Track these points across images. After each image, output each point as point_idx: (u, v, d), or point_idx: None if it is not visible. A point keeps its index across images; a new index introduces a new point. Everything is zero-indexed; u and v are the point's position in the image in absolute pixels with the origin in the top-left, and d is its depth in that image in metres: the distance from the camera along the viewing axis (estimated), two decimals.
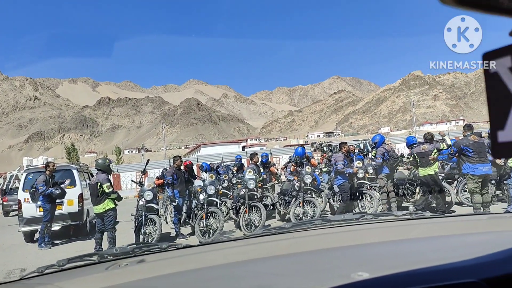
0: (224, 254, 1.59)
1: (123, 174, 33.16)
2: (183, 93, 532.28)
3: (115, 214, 8.34)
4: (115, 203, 8.38)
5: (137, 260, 1.50)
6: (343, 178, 9.32)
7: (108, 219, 8.14)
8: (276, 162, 31.24)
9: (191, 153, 75.60)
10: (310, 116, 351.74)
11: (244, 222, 8.83)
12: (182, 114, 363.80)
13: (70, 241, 10.37)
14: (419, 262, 1.12)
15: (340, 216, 2.02)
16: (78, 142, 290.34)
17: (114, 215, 8.29)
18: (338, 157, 9.45)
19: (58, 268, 1.46)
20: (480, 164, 7.95)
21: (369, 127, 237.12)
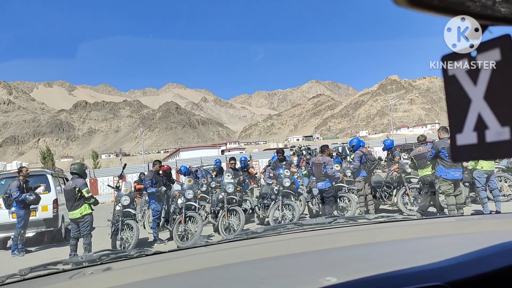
0: (195, 260, 1.56)
1: (100, 178, 32.58)
2: (162, 96, 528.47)
3: (92, 219, 8.20)
4: (92, 208, 8.23)
5: (103, 268, 1.46)
6: (330, 181, 9.37)
7: (85, 225, 7.98)
8: (256, 165, 31.25)
9: (170, 157, 74.96)
10: (290, 120, 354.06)
11: (223, 226, 8.80)
12: (161, 118, 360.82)
13: (45, 247, 10.13)
14: (387, 266, 1.12)
15: (313, 220, 2.02)
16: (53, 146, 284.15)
17: (91, 221, 8.15)
18: (328, 160, 9.48)
19: (20, 277, 1.40)
20: (453, 169, 8.15)
21: (348, 131, 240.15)
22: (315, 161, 9.63)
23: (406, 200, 9.54)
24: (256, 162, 33.48)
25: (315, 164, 9.51)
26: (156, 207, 9.54)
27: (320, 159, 9.43)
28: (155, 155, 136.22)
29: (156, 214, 9.51)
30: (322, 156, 9.56)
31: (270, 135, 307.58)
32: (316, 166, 9.42)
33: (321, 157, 9.52)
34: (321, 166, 9.27)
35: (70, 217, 8.13)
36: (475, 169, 8.74)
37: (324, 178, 9.28)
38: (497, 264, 1.00)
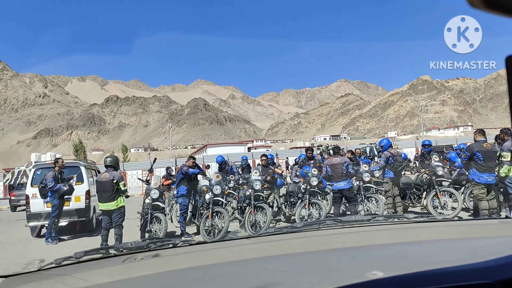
0: (236, 251, 1.61)
1: (129, 172, 33.31)
2: (190, 93, 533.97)
3: (125, 211, 8.46)
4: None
5: (152, 255, 1.53)
6: (350, 181, 9.36)
7: (118, 216, 8.24)
8: (282, 164, 31.22)
9: (197, 153, 75.79)
10: (317, 119, 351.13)
11: (249, 222, 8.85)
12: (189, 114, 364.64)
13: (76, 237, 10.45)
14: (432, 264, 1.13)
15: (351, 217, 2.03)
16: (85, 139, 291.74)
17: (124, 212, 8.40)
18: (349, 161, 9.45)
19: (75, 260, 1.49)
20: (487, 173, 7.92)
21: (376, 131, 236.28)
22: (331, 162, 9.46)
23: (436, 203, 9.34)
24: (282, 160, 33.45)
25: (332, 165, 9.35)
26: (183, 201, 9.68)
27: (339, 160, 9.36)
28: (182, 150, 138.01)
29: (184, 208, 9.66)
30: (340, 157, 9.52)
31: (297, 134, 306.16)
32: (334, 167, 9.29)
33: (339, 158, 9.45)
34: (342, 166, 9.19)
35: (104, 208, 8.32)
36: (508, 176, 8.46)
37: (345, 178, 9.21)
38: None
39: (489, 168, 7.94)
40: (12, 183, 26.61)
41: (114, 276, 1.28)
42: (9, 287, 1.22)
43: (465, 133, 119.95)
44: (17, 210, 20.00)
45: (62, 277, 1.27)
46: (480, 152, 7.93)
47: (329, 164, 9.43)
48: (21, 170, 27.97)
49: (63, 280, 1.24)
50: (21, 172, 27.32)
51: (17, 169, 29.34)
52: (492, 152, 8.06)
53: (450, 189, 9.42)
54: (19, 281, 1.28)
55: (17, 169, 29.34)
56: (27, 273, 1.39)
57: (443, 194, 9.35)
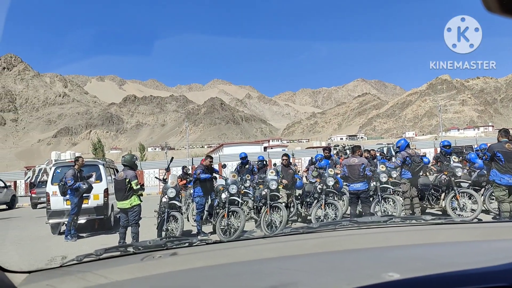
0: (253, 251, 1.62)
1: (146, 171, 33.64)
2: (207, 92, 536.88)
3: (140, 210, 8.51)
4: (140, 200, 8.55)
5: (170, 253, 1.55)
6: (367, 182, 9.26)
7: (133, 214, 8.30)
8: (298, 163, 31.14)
9: (213, 152, 76.14)
10: (334, 119, 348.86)
11: (265, 222, 8.85)
12: (206, 113, 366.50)
13: (95, 234, 10.61)
14: (449, 266, 1.12)
15: (368, 218, 2.02)
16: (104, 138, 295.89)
17: (139, 211, 8.45)
18: (366, 162, 9.34)
19: (95, 257, 1.53)
20: (508, 174, 7.74)
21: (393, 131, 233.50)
22: (349, 162, 9.36)
23: (455, 205, 9.18)
24: (299, 160, 33.36)
25: (350, 165, 9.25)
26: (200, 200, 9.73)
27: (357, 161, 9.24)
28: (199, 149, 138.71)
29: (200, 207, 9.71)
30: (358, 158, 9.39)
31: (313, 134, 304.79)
32: (352, 168, 9.19)
33: (356, 159, 9.32)
34: (359, 167, 9.09)
35: (119, 206, 8.46)
36: None
37: (362, 180, 9.11)
38: None
39: (510, 169, 7.75)
40: (33, 181, 27.20)
41: (133, 274, 1.31)
42: (32, 282, 1.26)
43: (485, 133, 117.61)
44: (38, 208, 20.39)
45: (83, 274, 1.30)
46: (501, 153, 7.76)
47: (346, 164, 9.34)
48: (41, 168, 28.58)
49: (84, 277, 1.27)
50: (42, 170, 27.93)
51: (37, 167, 29.99)
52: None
53: (470, 190, 9.25)
54: (42, 277, 1.32)
55: (37, 167, 29.99)
56: (50, 269, 1.43)
57: (462, 195, 9.19)
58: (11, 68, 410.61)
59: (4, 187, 22.23)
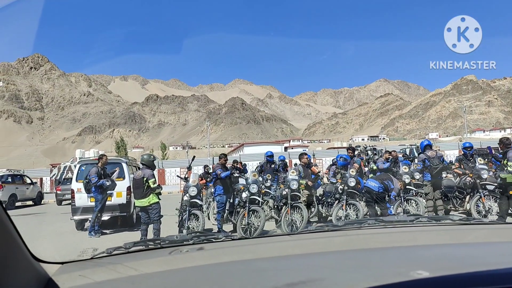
0: (278, 247, 1.63)
1: (167, 169, 34.03)
2: (228, 92, 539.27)
3: (159, 207, 8.65)
4: (159, 198, 8.68)
5: (197, 248, 1.58)
6: None
7: (153, 212, 8.44)
8: (319, 164, 30.96)
9: (234, 151, 76.44)
10: (355, 119, 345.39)
11: (285, 222, 8.84)
12: (227, 113, 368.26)
13: (118, 231, 10.80)
14: (478, 265, 1.10)
15: (394, 217, 2.00)
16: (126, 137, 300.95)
17: (159, 208, 8.59)
18: None
19: (124, 250, 1.57)
20: None
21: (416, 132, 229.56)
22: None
23: (481, 208, 8.98)
24: (320, 160, 33.17)
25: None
26: (221, 199, 9.79)
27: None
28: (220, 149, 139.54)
29: (221, 206, 9.77)
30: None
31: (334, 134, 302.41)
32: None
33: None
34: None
35: (138, 205, 8.60)
36: None
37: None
38: None
39: None
40: (58, 178, 27.87)
41: (162, 267, 1.34)
42: (65, 273, 1.30)
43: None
44: (63, 204, 20.87)
45: (113, 265, 1.34)
46: None
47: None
48: (66, 165, 29.24)
49: (114, 268, 1.31)
50: (67, 167, 28.57)
51: (63, 164, 30.69)
52: None
53: (496, 193, 9.03)
54: (74, 267, 1.36)
55: (63, 164, 30.69)
56: (82, 261, 1.47)
57: (487, 198, 8.98)
58: (38, 68, 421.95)
59: (30, 184, 22.86)
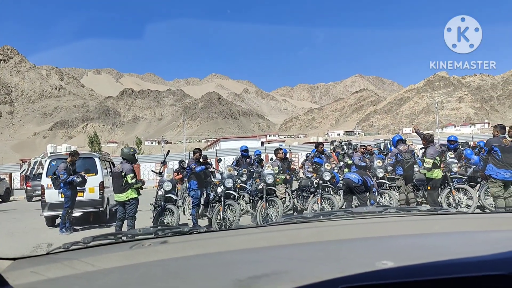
0: (246, 240, 1.59)
1: (143, 164, 33.56)
2: (204, 86, 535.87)
3: (137, 203, 8.49)
4: (139, 193, 8.52)
5: (160, 241, 1.53)
6: None
7: (130, 207, 8.30)
8: (295, 159, 31.14)
9: (210, 146, 76.11)
10: (331, 114, 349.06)
11: (261, 216, 8.87)
12: (203, 107, 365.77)
13: (90, 227, 10.58)
14: (444, 255, 1.10)
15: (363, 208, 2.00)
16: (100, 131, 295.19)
17: (136, 204, 8.44)
18: None
19: (83, 245, 1.50)
20: (504, 169, 7.78)
21: (391, 127, 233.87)
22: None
23: (451, 200, 9.21)
24: (296, 155, 33.36)
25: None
26: (195, 194, 9.73)
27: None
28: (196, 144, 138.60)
29: (196, 201, 9.71)
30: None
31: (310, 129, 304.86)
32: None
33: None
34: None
35: (116, 199, 8.45)
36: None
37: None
38: None
39: (507, 164, 7.79)
40: (28, 174, 27.10)
41: (121, 261, 1.28)
42: (17, 269, 1.23)
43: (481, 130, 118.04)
44: (33, 200, 20.34)
45: (70, 261, 1.28)
46: (499, 148, 7.78)
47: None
48: (37, 161, 28.44)
49: (70, 264, 1.24)
50: (37, 163, 27.79)
51: (33, 160, 29.84)
52: (510, 148, 7.90)
53: (465, 186, 9.28)
54: (27, 264, 1.29)
55: (33, 160, 29.84)
56: (35, 256, 1.40)
57: (457, 191, 9.22)
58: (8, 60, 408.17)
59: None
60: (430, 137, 9.29)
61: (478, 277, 0.91)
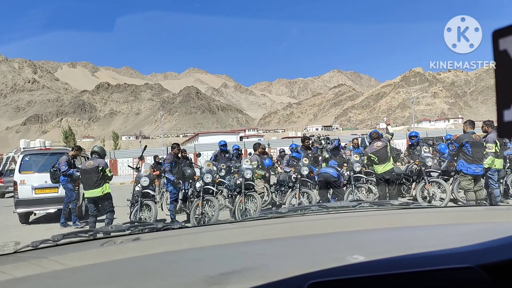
0: (219, 236, 1.59)
1: (120, 160, 33.14)
2: (182, 81, 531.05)
3: (111, 197, 8.50)
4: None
5: (132, 238, 1.51)
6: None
7: (108, 202, 8.37)
8: (274, 154, 31.25)
9: (189, 141, 75.61)
10: (309, 109, 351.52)
11: (239, 211, 8.88)
12: (181, 102, 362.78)
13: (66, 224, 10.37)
14: (414, 248, 1.13)
15: (337, 203, 2.03)
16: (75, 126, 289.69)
17: (111, 198, 8.45)
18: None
19: (52, 243, 1.46)
20: (474, 164, 8.04)
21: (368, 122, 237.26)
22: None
23: (425, 194, 9.42)
24: (274, 150, 33.47)
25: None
26: (173, 189, 9.66)
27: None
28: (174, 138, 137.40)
29: (174, 196, 9.63)
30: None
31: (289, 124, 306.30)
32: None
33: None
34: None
35: (89, 195, 8.31)
36: (490, 168, 8.59)
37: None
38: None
39: (477, 159, 8.05)
40: (0, 169, 26.37)
41: (92, 259, 1.25)
42: None
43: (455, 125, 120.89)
44: (5, 197, 19.83)
45: (37, 260, 1.24)
46: (469, 143, 8.02)
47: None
48: (9, 156, 27.72)
49: (38, 263, 1.21)
50: (10, 158, 27.10)
51: (5, 155, 29.06)
52: (481, 143, 8.17)
53: (439, 180, 9.50)
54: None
55: (5, 155, 29.06)
56: (2, 255, 1.36)
57: (432, 185, 9.43)
58: None
59: None
60: (374, 134, 9.62)
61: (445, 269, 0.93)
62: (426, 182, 9.40)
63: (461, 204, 8.87)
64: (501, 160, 8.72)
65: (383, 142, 9.08)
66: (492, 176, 8.49)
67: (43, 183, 10.44)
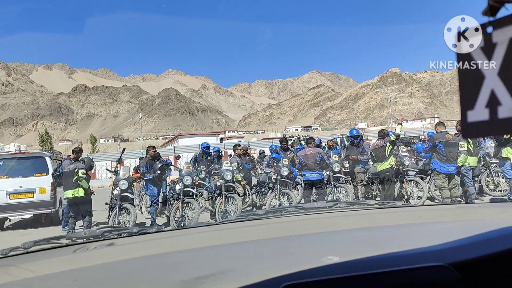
0: (196, 239, 1.58)
1: (98, 163, 32.50)
2: (161, 83, 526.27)
3: (91, 199, 8.49)
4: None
5: (106, 244, 1.48)
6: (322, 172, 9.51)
7: (86, 204, 8.29)
8: (254, 155, 31.28)
9: (168, 143, 74.98)
10: (289, 110, 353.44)
11: (220, 212, 8.85)
12: (160, 104, 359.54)
13: (43, 230, 10.15)
14: (389, 247, 1.14)
15: (314, 204, 2.04)
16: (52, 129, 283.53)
17: (91, 200, 8.42)
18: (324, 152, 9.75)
19: (23, 250, 1.42)
20: (448, 163, 8.28)
21: (347, 123, 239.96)
22: (305, 153, 9.53)
23: (403, 193, 9.58)
24: (254, 151, 33.50)
25: (305, 155, 9.39)
26: (152, 192, 9.57)
27: (312, 151, 9.41)
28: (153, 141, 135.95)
29: (153, 199, 9.55)
30: (313, 148, 9.58)
31: (269, 125, 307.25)
32: (307, 158, 9.31)
33: (312, 149, 9.51)
34: (315, 156, 9.24)
35: (69, 196, 8.18)
36: (464, 165, 8.84)
37: (318, 169, 9.28)
38: (498, 247, 1.01)
39: (450, 159, 8.28)
40: None
41: (64, 266, 1.22)
42: None
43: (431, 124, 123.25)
44: None
45: (6, 268, 1.21)
46: (442, 143, 8.23)
47: (302, 155, 9.48)
48: None
49: (8, 271, 1.17)
50: None
51: None
52: (454, 143, 8.39)
53: (416, 178, 9.68)
54: None
55: None
56: None
57: (409, 183, 9.60)
58: None
59: None
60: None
61: (417, 268, 0.94)
62: (404, 181, 9.56)
63: (438, 202, 9.06)
64: (475, 158, 8.96)
65: (383, 141, 9.14)
66: (467, 174, 8.73)
67: (18, 188, 10.19)
